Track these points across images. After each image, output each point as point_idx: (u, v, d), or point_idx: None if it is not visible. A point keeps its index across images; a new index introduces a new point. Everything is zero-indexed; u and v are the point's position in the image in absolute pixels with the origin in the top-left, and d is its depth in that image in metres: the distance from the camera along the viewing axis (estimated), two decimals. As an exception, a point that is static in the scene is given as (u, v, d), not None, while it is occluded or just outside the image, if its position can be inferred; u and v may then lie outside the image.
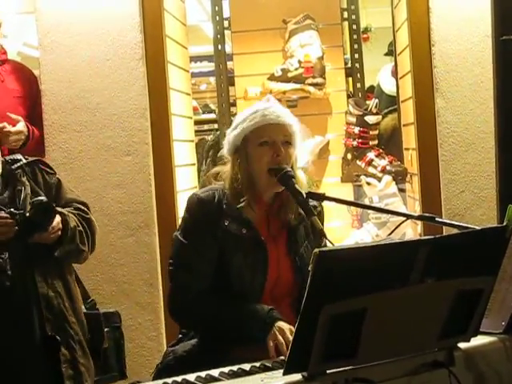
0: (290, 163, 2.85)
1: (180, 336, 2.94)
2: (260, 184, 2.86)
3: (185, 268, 2.83)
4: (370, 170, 4.85)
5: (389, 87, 6.06)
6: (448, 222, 2.79)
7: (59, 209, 3.08)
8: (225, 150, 2.94)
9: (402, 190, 4.93)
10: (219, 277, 2.82)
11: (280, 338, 2.58)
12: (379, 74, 6.46)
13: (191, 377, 2.30)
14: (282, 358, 2.48)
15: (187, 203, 2.92)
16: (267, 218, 2.90)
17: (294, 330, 2.49)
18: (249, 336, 2.66)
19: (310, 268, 1.85)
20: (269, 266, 2.82)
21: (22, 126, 4.04)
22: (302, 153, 4.90)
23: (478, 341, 2.25)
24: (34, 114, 4.21)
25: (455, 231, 2.48)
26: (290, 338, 2.52)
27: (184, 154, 4.62)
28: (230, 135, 2.90)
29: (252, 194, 2.86)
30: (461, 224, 2.57)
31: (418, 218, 2.96)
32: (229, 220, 2.82)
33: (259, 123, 2.83)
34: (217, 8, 5.20)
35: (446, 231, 3.53)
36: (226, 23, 5.20)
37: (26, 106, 4.19)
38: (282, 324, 2.63)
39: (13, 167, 3.15)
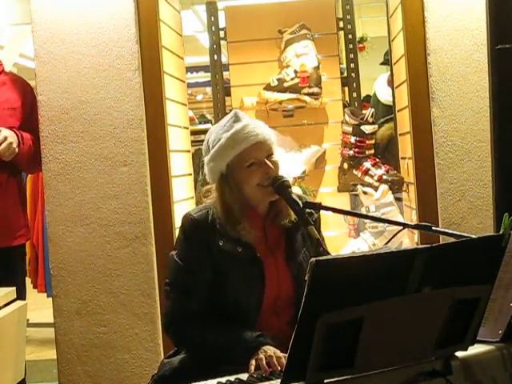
0: (279, 171, 2.84)
1: (176, 348, 2.94)
2: (253, 200, 2.85)
3: (180, 290, 2.82)
4: (367, 179, 4.85)
5: (385, 96, 6.08)
6: (444, 230, 2.79)
7: None
8: (208, 178, 2.90)
9: (398, 199, 4.93)
10: (216, 296, 2.80)
11: (261, 355, 2.54)
12: (375, 84, 6.48)
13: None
14: (279, 368, 2.47)
15: (181, 223, 2.89)
16: (264, 231, 2.89)
17: (279, 353, 2.52)
18: (235, 360, 2.62)
19: (306, 277, 1.85)
20: (266, 282, 2.80)
21: (6, 132, 4.00)
22: (299, 163, 4.92)
23: (475, 349, 2.24)
24: (28, 124, 4.20)
25: (452, 240, 2.48)
26: (273, 357, 2.52)
27: (180, 165, 4.62)
28: (211, 164, 2.85)
29: (246, 212, 2.84)
30: (457, 233, 2.57)
31: (415, 227, 2.96)
32: (223, 240, 2.80)
33: (241, 148, 2.80)
34: (213, 18, 5.21)
35: (443, 240, 3.54)
36: (221, 33, 5.21)
37: (19, 117, 4.18)
38: (267, 347, 2.60)
39: None
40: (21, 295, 3.65)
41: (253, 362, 2.54)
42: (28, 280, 6.48)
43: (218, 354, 2.70)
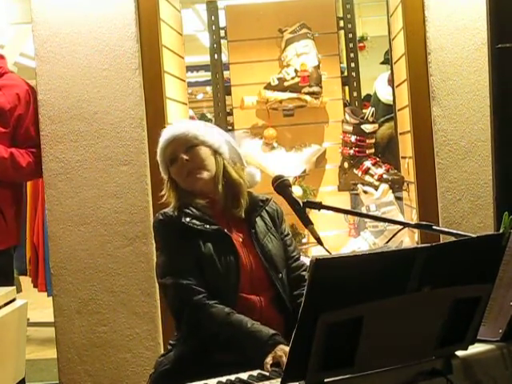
0: (205, 161, 2.96)
1: (169, 347, 2.93)
2: (193, 191, 2.97)
3: (175, 274, 2.83)
4: (367, 178, 4.85)
5: (385, 96, 6.07)
6: (445, 230, 2.80)
7: None
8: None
9: (398, 199, 4.93)
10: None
11: (281, 353, 2.56)
12: (375, 83, 6.48)
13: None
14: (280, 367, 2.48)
15: (153, 225, 3.03)
16: (225, 216, 2.97)
17: None
18: (248, 356, 2.62)
19: (306, 276, 1.85)
20: (240, 256, 2.87)
21: None
22: (299, 162, 4.91)
23: (475, 349, 2.24)
24: (20, 129, 4.19)
25: (452, 239, 2.48)
26: None
27: (181, 164, 4.62)
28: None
29: (199, 197, 2.95)
30: (458, 232, 2.57)
31: (415, 226, 2.95)
32: (189, 217, 2.89)
33: (160, 146, 3.05)
34: (213, 17, 5.21)
35: (443, 239, 3.54)
36: (222, 33, 5.21)
37: (7, 121, 4.17)
38: (283, 347, 2.61)
39: None
40: None
41: (269, 359, 2.55)
42: (28, 279, 6.49)
43: (229, 345, 2.71)
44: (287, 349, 2.57)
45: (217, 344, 2.74)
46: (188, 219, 2.88)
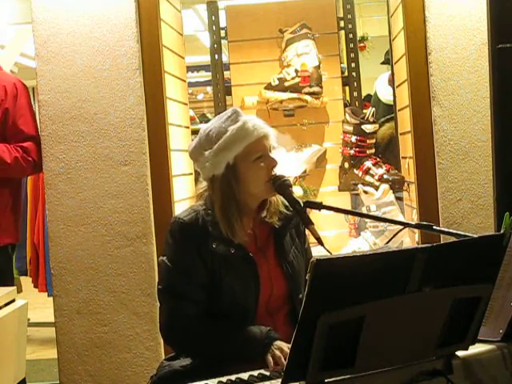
0: None
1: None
2: (254, 197, 2.83)
3: (174, 295, 2.79)
4: (367, 178, 4.85)
5: (386, 96, 6.07)
6: (445, 230, 2.79)
7: None
8: (208, 172, 2.82)
9: (399, 199, 4.93)
10: (212, 300, 2.77)
11: (278, 352, 2.55)
12: (376, 83, 6.48)
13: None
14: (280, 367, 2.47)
15: (170, 228, 2.84)
16: (253, 230, 2.87)
17: None
18: (247, 358, 2.61)
19: (307, 277, 1.85)
20: (261, 281, 2.78)
21: None
22: (300, 162, 4.91)
23: (475, 349, 2.24)
24: (6, 126, 4.17)
25: (453, 239, 2.48)
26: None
27: (181, 164, 4.62)
28: (219, 156, 2.77)
29: (241, 209, 2.81)
30: (458, 232, 2.56)
31: (416, 226, 2.95)
32: (216, 242, 2.76)
33: (251, 139, 2.77)
34: (213, 18, 5.21)
35: (444, 239, 3.54)
36: (222, 33, 5.21)
37: None
38: (280, 342, 2.60)
39: None
40: None
41: (270, 358, 2.54)
42: (29, 279, 6.50)
43: (225, 355, 2.68)
44: (283, 345, 2.59)
45: (210, 359, 2.72)
46: (215, 245, 2.75)
